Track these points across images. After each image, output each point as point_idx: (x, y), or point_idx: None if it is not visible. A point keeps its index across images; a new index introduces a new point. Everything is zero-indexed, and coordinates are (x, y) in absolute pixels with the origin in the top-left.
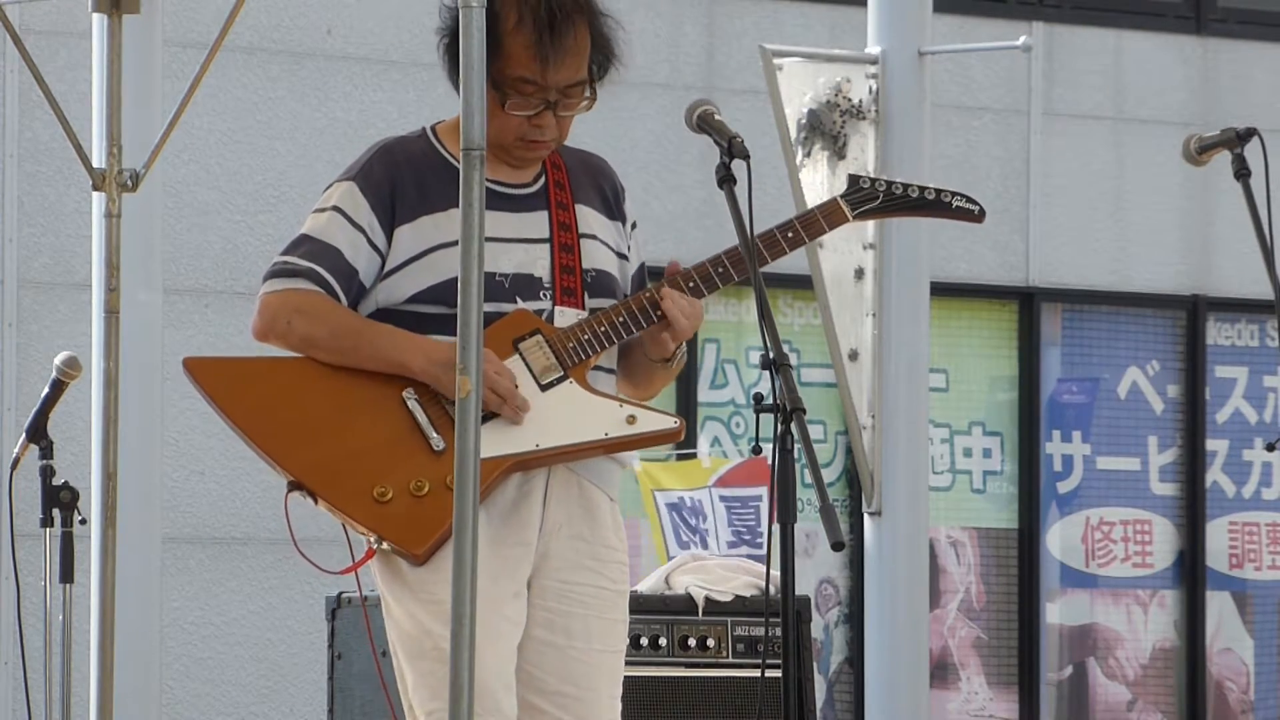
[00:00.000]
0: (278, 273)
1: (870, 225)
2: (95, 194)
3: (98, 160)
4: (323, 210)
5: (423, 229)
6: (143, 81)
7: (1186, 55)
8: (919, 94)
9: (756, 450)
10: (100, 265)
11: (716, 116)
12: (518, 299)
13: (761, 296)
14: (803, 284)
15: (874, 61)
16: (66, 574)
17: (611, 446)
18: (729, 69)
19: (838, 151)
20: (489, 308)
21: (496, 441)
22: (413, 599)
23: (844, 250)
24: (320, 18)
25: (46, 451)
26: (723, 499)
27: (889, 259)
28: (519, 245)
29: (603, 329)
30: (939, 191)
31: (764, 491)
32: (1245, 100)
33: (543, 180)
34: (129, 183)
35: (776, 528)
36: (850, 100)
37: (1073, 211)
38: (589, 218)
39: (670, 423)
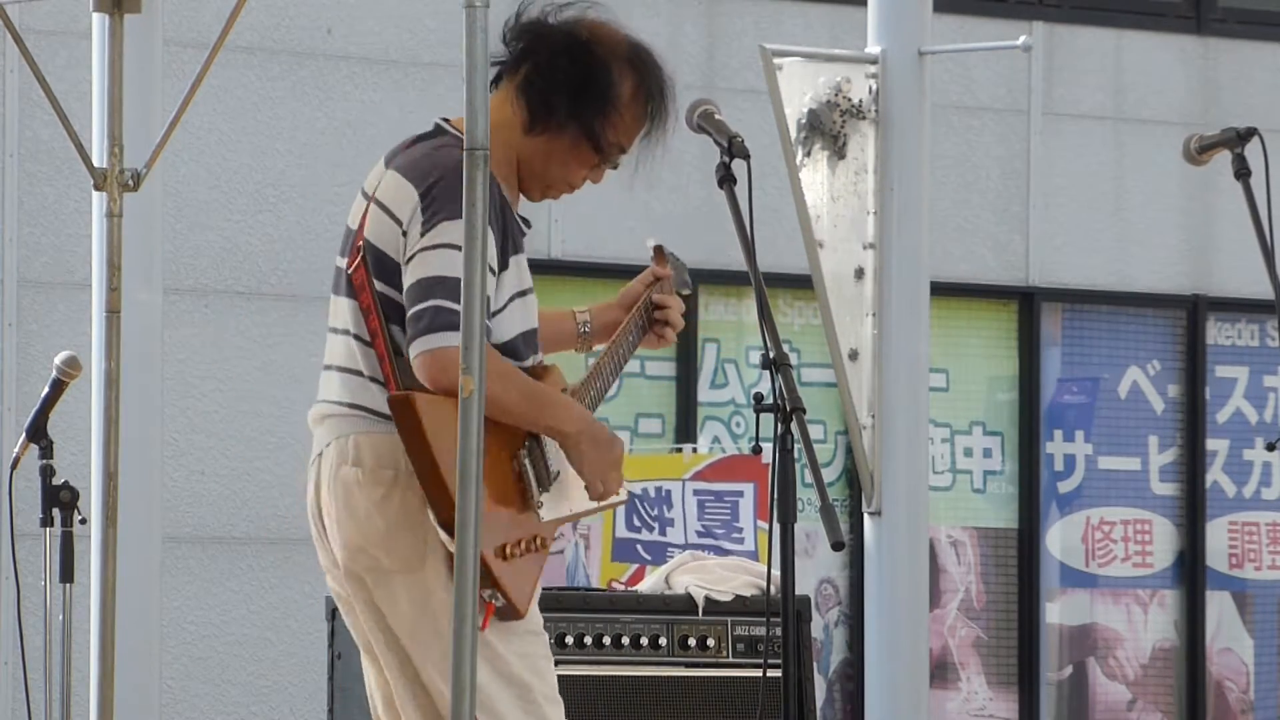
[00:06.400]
0: (454, 325)
1: (870, 223)
2: (96, 194)
3: (99, 160)
4: (459, 249)
5: (510, 273)
6: (143, 81)
7: (1186, 55)
8: (919, 94)
9: (757, 449)
10: (101, 265)
11: (716, 116)
12: (530, 355)
13: (761, 296)
14: (803, 284)
15: (874, 61)
16: (66, 574)
17: (577, 518)
18: (729, 69)
19: (838, 151)
20: (532, 362)
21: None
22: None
23: (844, 250)
24: (320, 18)
25: (46, 451)
26: (696, 493)
27: (889, 259)
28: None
29: (608, 371)
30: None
31: (747, 488)
32: (1245, 100)
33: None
34: (130, 182)
35: (777, 527)
36: (850, 100)
37: (1073, 211)
38: None
39: (623, 495)
